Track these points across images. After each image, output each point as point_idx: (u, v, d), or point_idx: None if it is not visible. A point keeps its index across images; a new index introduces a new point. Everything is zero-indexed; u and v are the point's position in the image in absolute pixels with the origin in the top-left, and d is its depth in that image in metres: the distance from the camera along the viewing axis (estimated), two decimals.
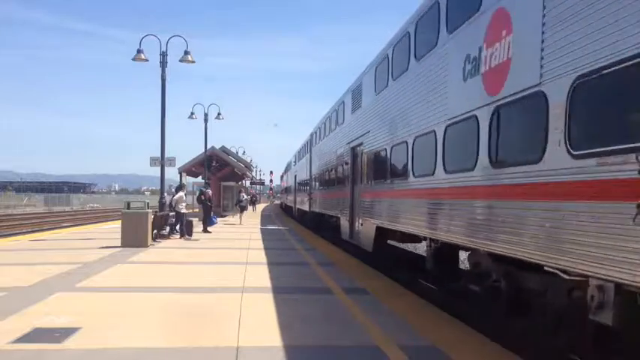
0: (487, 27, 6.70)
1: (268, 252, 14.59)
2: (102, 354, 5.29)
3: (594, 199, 4.52)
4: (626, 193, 4.15)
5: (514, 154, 6.23)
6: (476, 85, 6.95)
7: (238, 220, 28.27)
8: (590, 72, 4.66)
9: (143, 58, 18.78)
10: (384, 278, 10.65)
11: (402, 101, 10.41)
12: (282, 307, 7.38)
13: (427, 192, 8.79)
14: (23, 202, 78.16)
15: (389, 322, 6.76)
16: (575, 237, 4.75)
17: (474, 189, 7.00)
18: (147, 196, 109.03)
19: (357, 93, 14.95)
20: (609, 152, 4.37)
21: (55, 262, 11.65)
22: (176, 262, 12.43)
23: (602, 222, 4.43)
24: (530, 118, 5.81)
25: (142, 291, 8.66)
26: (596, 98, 4.74)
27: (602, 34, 4.50)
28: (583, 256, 4.64)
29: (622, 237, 4.18)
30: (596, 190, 4.49)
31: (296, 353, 5.36)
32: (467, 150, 7.20)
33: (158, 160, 19.98)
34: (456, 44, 7.80)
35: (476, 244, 6.98)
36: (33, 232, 23.82)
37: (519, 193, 5.80)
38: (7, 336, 5.70)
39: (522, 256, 5.69)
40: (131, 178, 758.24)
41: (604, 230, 4.40)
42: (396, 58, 11.09)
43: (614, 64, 4.36)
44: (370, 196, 12.97)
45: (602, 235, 4.41)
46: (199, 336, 5.94)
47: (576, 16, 4.88)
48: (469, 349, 5.67)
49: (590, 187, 4.57)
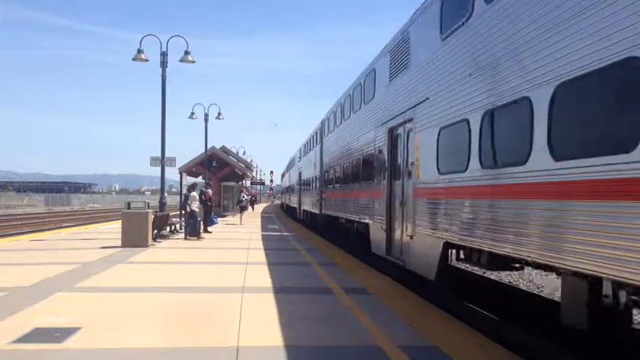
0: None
1: (270, 257, 14.58)
2: (102, 354, 5.29)
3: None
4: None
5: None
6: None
7: (239, 221, 28.33)
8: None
9: (143, 58, 18.78)
10: (385, 278, 10.63)
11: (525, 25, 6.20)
12: (282, 307, 7.38)
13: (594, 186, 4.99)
14: (23, 202, 78.24)
15: (389, 322, 6.76)
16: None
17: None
18: (147, 196, 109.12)
19: (403, 49, 10.95)
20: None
21: (55, 262, 11.66)
22: (176, 262, 12.42)
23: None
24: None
25: (142, 291, 8.66)
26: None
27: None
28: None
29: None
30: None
31: (296, 353, 5.35)
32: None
33: (158, 160, 19.99)
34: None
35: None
36: (33, 232, 23.82)
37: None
38: (7, 336, 5.70)
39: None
40: (131, 178, 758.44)
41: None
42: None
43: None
44: (433, 195, 9.01)
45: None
46: (200, 336, 5.93)
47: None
48: (469, 350, 5.67)
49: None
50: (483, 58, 7.22)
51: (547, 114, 5.62)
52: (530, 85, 5.99)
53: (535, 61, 5.91)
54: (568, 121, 5.44)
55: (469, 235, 7.49)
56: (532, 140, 5.86)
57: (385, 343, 5.72)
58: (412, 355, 5.36)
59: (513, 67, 6.41)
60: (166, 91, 19.42)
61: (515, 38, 6.38)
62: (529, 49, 6.06)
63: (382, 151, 12.26)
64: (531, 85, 5.95)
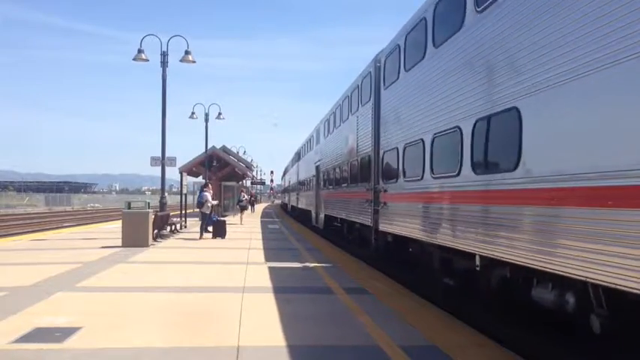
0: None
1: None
2: (102, 354, 5.29)
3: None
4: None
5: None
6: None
7: (239, 220, 28.38)
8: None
9: (144, 58, 18.80)
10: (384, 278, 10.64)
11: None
12: (283, 307, 7.38)
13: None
14: (24, 201, 78.31)
15: (389, 321, 6.76)
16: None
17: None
18: (147, 195, 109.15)
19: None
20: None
21: (55, 262, 11.66)
22: (177, 261, 12.43)
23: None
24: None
25: (142, 291, 8.66)
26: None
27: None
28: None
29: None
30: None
31: (297, 353, 5.35)
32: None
33: (159, 160, 20.02)
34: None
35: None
36: (34, 232, 23.84)
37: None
38: (7, 336, 5.70)
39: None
40: (132, 177, 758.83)
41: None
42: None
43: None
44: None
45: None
46: (200, 336, 5.94)
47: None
48: (469, 349, 5.67)
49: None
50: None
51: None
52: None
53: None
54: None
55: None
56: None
57: (385, 343, 5.73)
58: (412, 355, 5.36)
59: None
60: (167, 91, 19.45)
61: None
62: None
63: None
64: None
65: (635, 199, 4.31)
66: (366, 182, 13.61)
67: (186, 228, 23.23)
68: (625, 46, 4.46)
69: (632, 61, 4.38)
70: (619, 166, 4.50)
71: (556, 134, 5.47)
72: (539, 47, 5.76)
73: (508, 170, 6.34)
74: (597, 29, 4.80)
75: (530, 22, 5.99)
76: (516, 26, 6.28)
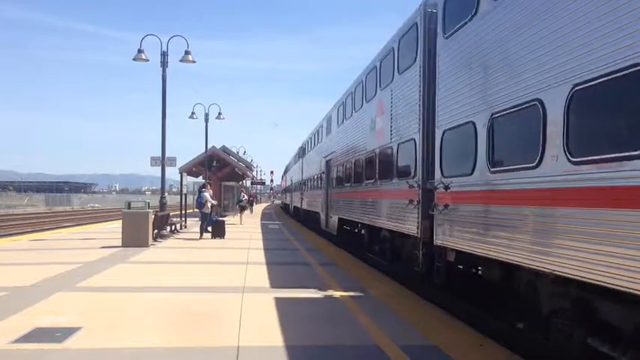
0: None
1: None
2: (102, 354, 5.29)
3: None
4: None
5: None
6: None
7: (239, 220, 28.39)
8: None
9: (144, 58, 18.79)
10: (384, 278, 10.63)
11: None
12: (282, 307, 7.38)
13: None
14: (24, 202, 78.29)
15: (389, 321, 6.75)
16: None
17: None
18: (147, 195, 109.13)
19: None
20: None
21: (55, 262, 11.66)
22: (176, 261, 12.42)
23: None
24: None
25: (142, 291, 8.65)
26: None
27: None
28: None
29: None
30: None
31: (296, 353, 5.35)
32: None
33: (159, 160, 20.00)
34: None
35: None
36: (33, 232, 23.83)
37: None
38: (7, 336, 5.70)
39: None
40: (132, 178, 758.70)
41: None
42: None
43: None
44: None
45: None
46: (200, 336, 5.93)
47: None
48: (469, 349, 5.67)
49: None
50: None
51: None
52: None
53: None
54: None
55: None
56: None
57: (385, 343, 5.72)
58: (412, 355, 5.36)
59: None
60: (167, 91, 19.45)
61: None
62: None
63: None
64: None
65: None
66: (407, 177, 10.25)
67: (186, 228, 23.24)
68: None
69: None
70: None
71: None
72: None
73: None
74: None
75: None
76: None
